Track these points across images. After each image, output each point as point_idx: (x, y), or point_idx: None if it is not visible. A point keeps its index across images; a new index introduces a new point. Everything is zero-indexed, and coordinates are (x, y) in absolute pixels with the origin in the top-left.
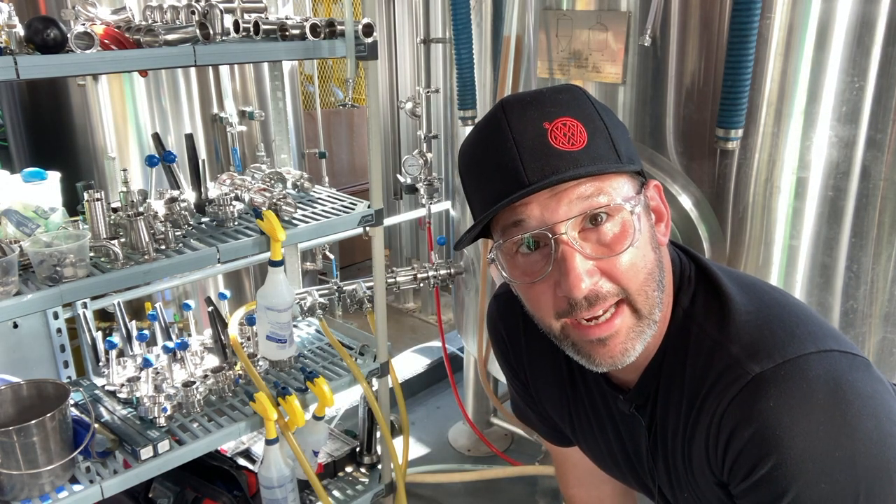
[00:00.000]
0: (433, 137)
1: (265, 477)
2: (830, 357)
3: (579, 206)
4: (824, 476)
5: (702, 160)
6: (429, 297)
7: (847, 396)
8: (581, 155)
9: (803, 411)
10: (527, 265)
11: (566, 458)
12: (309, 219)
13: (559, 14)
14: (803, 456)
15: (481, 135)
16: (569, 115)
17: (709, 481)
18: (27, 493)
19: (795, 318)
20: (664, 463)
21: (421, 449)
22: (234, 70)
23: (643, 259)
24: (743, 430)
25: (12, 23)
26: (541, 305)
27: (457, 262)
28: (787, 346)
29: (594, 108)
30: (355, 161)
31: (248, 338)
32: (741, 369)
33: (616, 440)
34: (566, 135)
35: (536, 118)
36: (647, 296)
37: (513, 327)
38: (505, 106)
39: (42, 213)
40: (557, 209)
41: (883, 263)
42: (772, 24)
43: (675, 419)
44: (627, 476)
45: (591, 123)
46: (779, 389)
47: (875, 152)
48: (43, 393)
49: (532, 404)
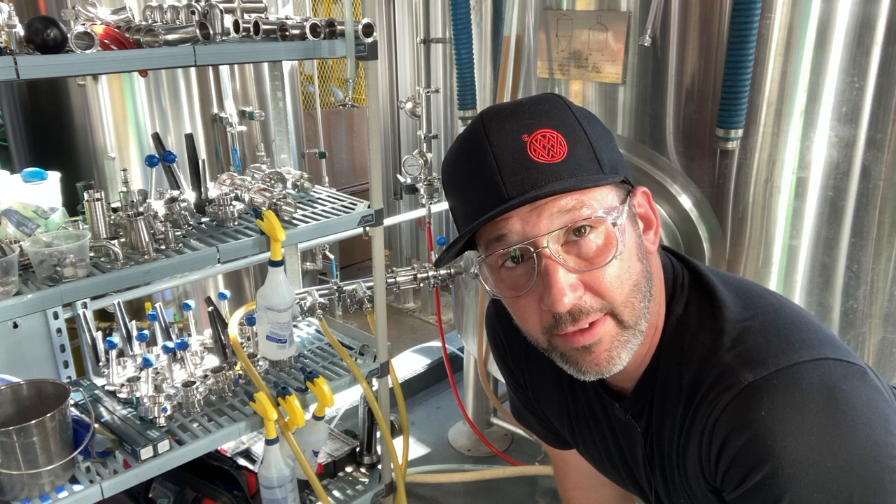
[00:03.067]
0: (433, 137)
1: (265, 477)
2: (825, 365)
3: (560, 220)
4: (817, 485)
5: (702, 160)
6: (429, 297)
7: (840, 406)
8: (561, 167)
9: (796, 420)
10: (511, 279)
11: (565, 461)
12: (309, 219)
13: (559, 14)
14: (796, 465)
15: (461, 148)
16: (548, 127)
17: (703, 488)
18: (27, 493)
19: (791, 324)
20: (660, 469)
21: (421, 449)
22: (234, 70)
23: (628, 271)
24: (735, 438)
25: (12, 23)
26: (527, 319)
27: (457, 263)
28: (781, 355)
29: (575, 117)
30: (355, 161)
31: (248, 338)
32: (734, 377)
33: (614, 445)
34: (546, 147)
35: (515, 130)
36: (632, 307)
37: (511, 330)
38: (484, 118)
39: (42, 213)
40: (539, 223)
41: (883, 263)
42: (772, 24)
43: (671, 426)
44: (626, 480)
45: (571, 134)
46: (771, 398)
47: (875, 152)
48: (43, 393)
49: (531, 407)
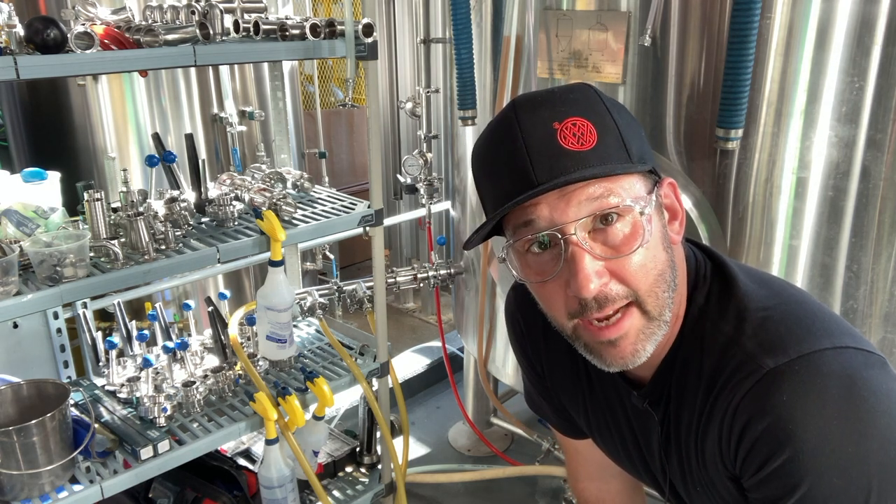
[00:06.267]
0: (433, 137)
1: (265, 477)
2: (846, 353)
3: (588, 207)
4: (836, 471)
5: (702, 160)
6: (429, 297)
7: (861, 393)
8: (590, 155)
9: (817, 406)
10: (538, 264)
11: (577, 451)
12: (309, 219)
13: (559, 14)
14: (816, 451)
15: (493, 135)
16: (579, 115)
17: (721, 475)
18: (27, 493)
19: (812, 314)
20: (677, 457)
21: (421, 449)
22: (234, 70)
23: (653, 260)
24: (756, 423)
25: (12, 23)
26: (553, 304)
27: (457, 262)
28: (803, 342)
29: (605, 107)
30: (355, 161)
31: (248, 338)
32: (755, 364)
33: (629, 434)
34: (576, 135)
35: (546, 118)
36: (656, 297)
37: (530, 318)
38: (516, 105)
39: (42, 213)
40: (567, 210)
41: (883, 263)
42: (772, 24)
43: (690, 414)
44: (640, 470)
45: (601, 123)
46: (792, 384)
47: (875, 152)
48: (43, 393)
49: (547, 396)
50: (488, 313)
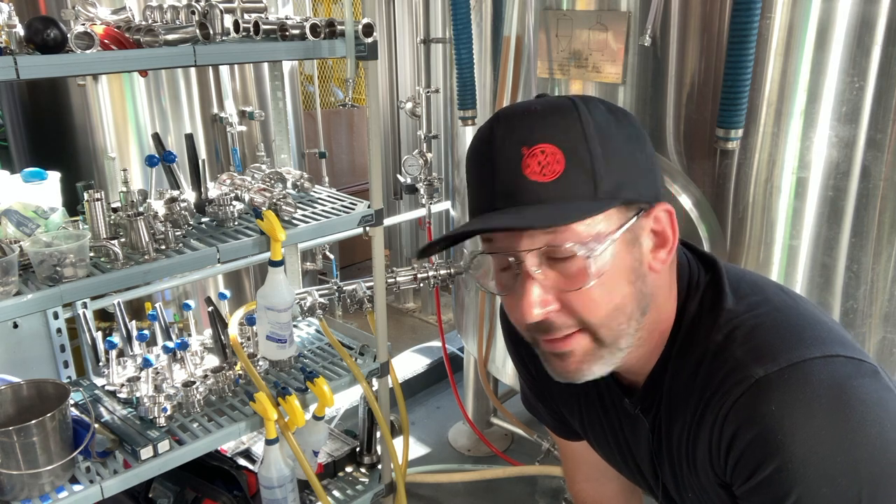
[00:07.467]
0: (433, 137)
1: (265, 477)
2: (836, 362)
3: (541, 240)
4: (826, 480)
5: (702, 160)
6: (429, 297)
7: (850, 402)
8: (549, 188)
9: (805, 416)
10: (500, 277)
11: (574, 453)
12: (309, 219)
13: (559, 14)
14: (805, 460)
15: (476, 144)
16: (549, 142)
17: (713, 482)
18: (27, 493)
19: (804, 322)
20: (669, 464)
21: (421, 449)
22: (234, 70)
23: (609, 294)
24: (745, 432)
25: (12, 23)
26: (512, 316)
27: (457, 262)
28: (793, 351)
29: (584, 133)
30: (355, 161)
31: (248, 338)
32: (745, 372)
33: (622, 438)
34: (540, 164)
35: (517, 140)
36: (610, 328)
37: None
38: (498, 119)
39: (42, 213)
40: (521, 239)
41: (883, 263)
42: (772, 24)
43: (682, 421)
44: (634, 473)
45: (572, 153)
46: (781, 393)
47: (875, 152)
48: (43, 393)
49: (542, 398)
50: (488, 313)
